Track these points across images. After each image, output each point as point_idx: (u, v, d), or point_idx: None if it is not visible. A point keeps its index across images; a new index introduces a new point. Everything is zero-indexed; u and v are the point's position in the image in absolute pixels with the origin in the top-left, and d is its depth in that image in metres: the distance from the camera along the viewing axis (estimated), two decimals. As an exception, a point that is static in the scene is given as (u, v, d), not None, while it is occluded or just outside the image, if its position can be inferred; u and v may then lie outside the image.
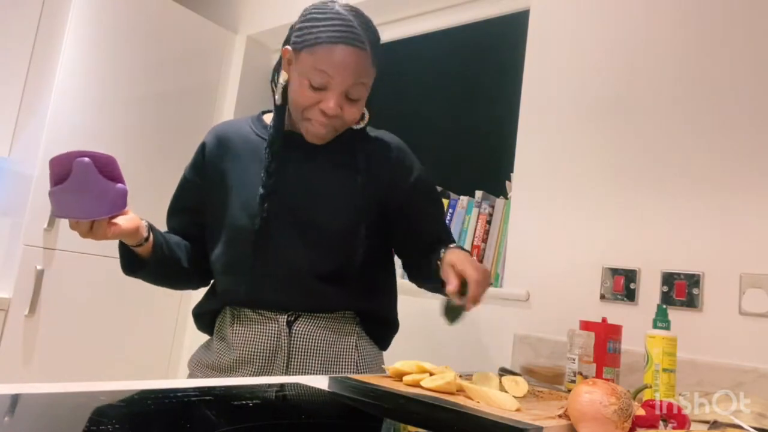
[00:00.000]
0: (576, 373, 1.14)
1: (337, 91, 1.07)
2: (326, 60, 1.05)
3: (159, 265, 1.11)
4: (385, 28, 2.32)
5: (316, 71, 1.05)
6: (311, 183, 1.15)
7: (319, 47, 1.05)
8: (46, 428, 0.57)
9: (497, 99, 1.99)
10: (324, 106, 1.07)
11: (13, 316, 2.02)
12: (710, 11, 1.45)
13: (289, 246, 1.12)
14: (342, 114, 1.09)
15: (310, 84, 1.06)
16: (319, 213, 1.14)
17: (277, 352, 1.12)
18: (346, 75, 1.06)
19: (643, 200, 1.46)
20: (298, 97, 1.08)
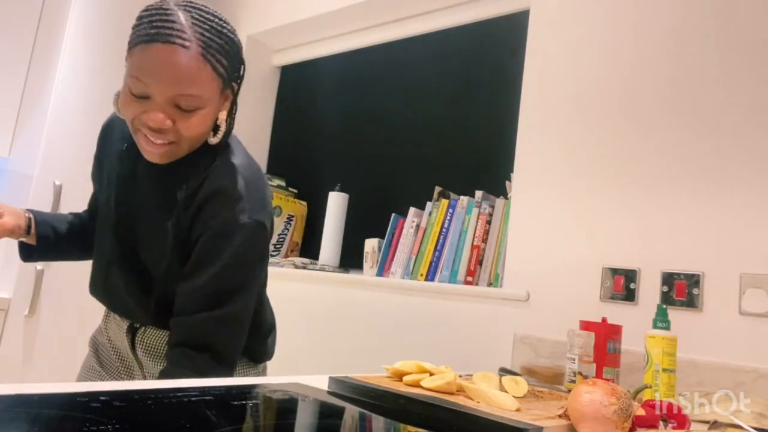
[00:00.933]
0: (576, 373, 1.14)
1: (159, 100, 0.90)
2: (139, 64, 0.90)
3: (46, 250, 1.21)
4: (385, 28, 2.32)
5: (132, 78, 0.91)
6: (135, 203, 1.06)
7: (135, 49, 0.91)
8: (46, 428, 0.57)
9: (497, 99, 1.99)
10: (145, 118, 0.91)
11: (13, 316, 2.02)
12: (710, 11, 1.45)
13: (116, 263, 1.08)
14: (176, 127, 0.93)
15: (131, 92, 0.92)
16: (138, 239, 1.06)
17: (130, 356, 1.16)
18: (165, 81, 0.89)
19: (643, 200, 1.46)
20: (123, 108, 0.94)
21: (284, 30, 2.59)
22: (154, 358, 1.11)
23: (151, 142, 0.94)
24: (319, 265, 2.16)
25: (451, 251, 1.80)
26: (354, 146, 2.42)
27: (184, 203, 1.00)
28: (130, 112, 0.93)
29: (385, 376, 0.98)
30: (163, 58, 0.89)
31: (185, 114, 0.93)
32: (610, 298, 1.46)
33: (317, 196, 2.41)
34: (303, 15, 2.45)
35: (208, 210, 0.98)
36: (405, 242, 1.92)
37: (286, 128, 2.74)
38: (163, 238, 1.01)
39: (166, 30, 0.89)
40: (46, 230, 1.20)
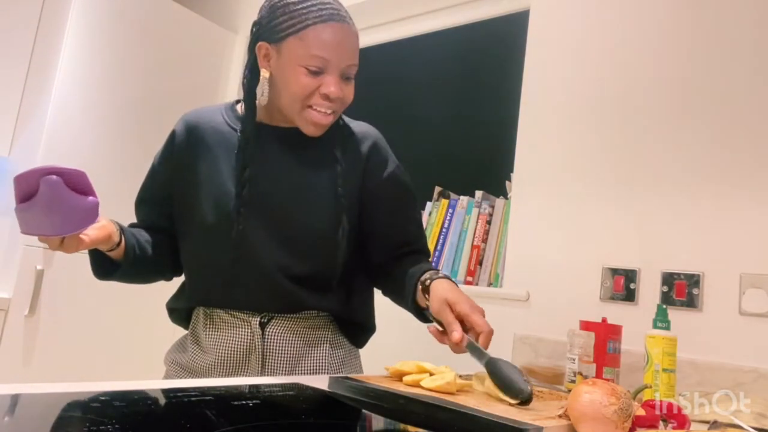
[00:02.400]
0: (576, 373, 1.14)
1: (336, 71, 1.03)
2: (319, 42, 1.00)
3: (131, 266, 1.08)
4: (385, 28, 2.32)
5: (311, 56, 1.01)
6: (287, 179, 1.10)
7: (308, 30, 1.00)
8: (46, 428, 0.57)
9: (497, 99, 1.99)
10: (326, 90, 1.02)
11: (13, 316, 2.02)
12: (710, 11, 1.45)
13: (262, 246, 1.07)
14: (342, 96, 1.05)
15: (307, 71, 1.01)
16: (295, 212, 1.08)
17: (251, 354, 1.08)
18: (342, 53, 1.03)
19: (643, 200, 1.46)
20: (295, 87, 1.02)
21: (284, 30, 2.58)
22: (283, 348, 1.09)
23: (323, 114, 1.05)
24: (319, 265, 2.16)
25: (451, 251, 1.80)
26: (354, 146, 2.42)
27: (342, 158, 1.12)
28: (304, 88, 1.02)
29: (385, 376, 0.98)
30: (341, 34, 1.02)
31: (347, 83, 1.07)
32: (610, 298, 1.46)
33: (317, 196, 2.41)
34: (303, 15, 2.44)
35: (381, 156, 1.18)
36: (405, 242, 1.92)
37: (286, 128, 2.73)
38: (329, 197, 1.10)
39: (335, 10, 1.03)
40: (132, 240, 1.08)
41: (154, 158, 1.18)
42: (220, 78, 2.65)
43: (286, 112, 1.07)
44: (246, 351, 1.08)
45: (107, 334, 2.23)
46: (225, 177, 1.08)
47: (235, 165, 1.08)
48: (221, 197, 1.07)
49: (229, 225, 1.06)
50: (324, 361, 1.12)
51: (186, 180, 1.11)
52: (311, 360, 1.11)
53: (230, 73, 2.69)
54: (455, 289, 1.03)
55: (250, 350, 1.08)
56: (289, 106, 1.05)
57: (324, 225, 1.09)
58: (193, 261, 1.13)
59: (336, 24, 1.02)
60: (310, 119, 1.05)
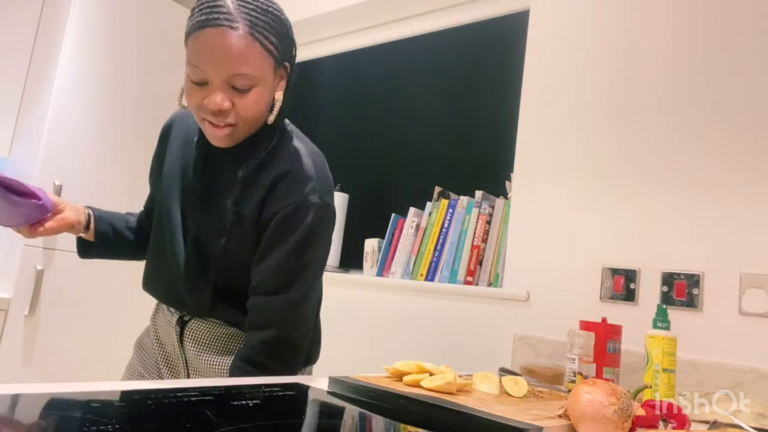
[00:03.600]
0: (576, 373, 1.14)
1: (218, 82, 0.95)
2: (194, 51, 0.95)
3: (104, 248, 1.22)
4: (385, 29, 2.32)
5: (190, 66, 0.96)
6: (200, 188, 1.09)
7: (189, 39, 0.96)
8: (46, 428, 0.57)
9: (497, 99, 1.99)
10: (207, 102, 0.96)
11: (13, 316, 2.02)
12: (710, 11, 1.45)
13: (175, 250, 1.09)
14: (235, 108, 0.97)
15: (191, 80, 0.97)
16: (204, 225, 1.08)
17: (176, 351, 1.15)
18: (218, 63, 0.94)
19: (643, 200, 1.46)
20: (187, 98, 1.00)
21: (284, 30, 2.58)
22: (201, 351, 1.11)
23: (215, 126, 0.99)
24: (319, 265, 2.16)
25: (451, 251, 1.80)
26: (354, 146, 2.42)
27: (243, 181, 1.04)
28: (193, 100, 0.99)
29: (385, 376, 0.98)
30: (214, 42, 0.93)
31: (241, 94, 0.97)
32: (610, 298, 1.46)
33: (317, 196, 2.41)
34: (303, 15, 2.44)
35: (279, 190, 1.03)
36: (405, 242, 1.92)
37: (286, 128, 2.73)
38: (223, 216, 1.05)
39: (214, 15, 0.93)
40: (105, 227, 1.21)
41: None
42: (220, 78, 2.65)
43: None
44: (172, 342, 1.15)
45: (107, 334, 2.23)
46: (176, 178, 1.13)
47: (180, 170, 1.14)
48: (167, 197, 1.13)
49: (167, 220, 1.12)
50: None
51: (157, 174, 1.19)
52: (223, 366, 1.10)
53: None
54: None
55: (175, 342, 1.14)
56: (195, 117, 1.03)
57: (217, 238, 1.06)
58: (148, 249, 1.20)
59: (212, 30, 0.93)
60: (207, 131, 1.01)
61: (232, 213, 1.04)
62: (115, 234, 1.23)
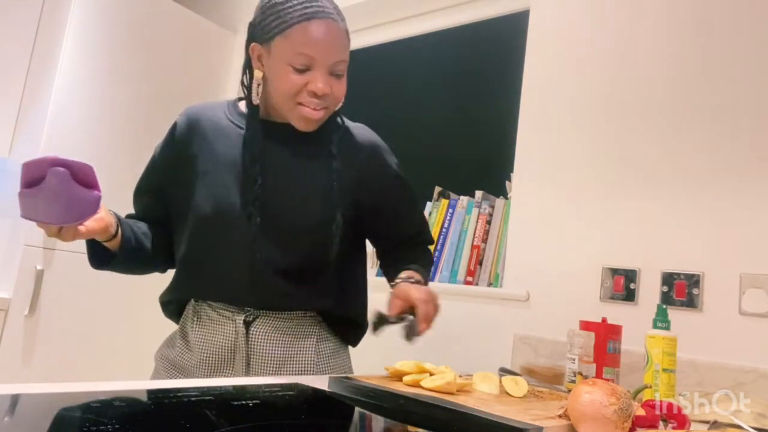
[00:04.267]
0: (576, 373, 1.14)
1: (323, 68, 1.04)
2: (303, 40, 1.01)
3: (127, 257, 1.09)
4: (385, 28, 2.32)
5: (296, 54, 1.02)
6: (282, 174, 1.10)
7: (293, 29, 1.02)
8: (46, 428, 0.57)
9: (497, 99, 1.99)
10: (313, 87, 1.03)
11: (13, 316, 2.02)
12: (710, 10, 1.45)
13: (252, 241, 1.07)
14: (332, 92, 1.06)
15: (293, 69, 1.03)
16: (288, 207, 1.09)
17: (236, 353, 1.09)
18: (327, 50, 1.03)
19: (643, 200, 1.46)
20: (284, 85, 1.04)
21: (284, 30, 2.58)
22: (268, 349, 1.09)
23: (314, 110, 1.06)
24: (319, 265, 2.16)
25: (451, 251, 1.80)
26: (354, 146, 2.42)
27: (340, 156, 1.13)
28: (292, 86, 1.04)
29: (385, 376, 0.98)
30: (325, 31, 1.03)
31: (337, 79, 1.07)
32: (610, 298, 1.46)
33: (317, 196, 2.41)
34: (303, 15, 2.44)
35: (374, 160, 1.18)
36: (405, 242, 1.92)
37: (286, 128, 2.73)
38: (323, 191, 1.11)
39: (320, 8, 1.03)
40: (129, 233, 1.09)
41: (155, 150, 1.19)
42: (220, 78, 2.66)
43: (279, 109, 1.10)
44: (231, 350, 1.09)
45: (107, 334, 2.23)
46: (223, 171, 1.10)
47: (239, 160, 1.10)
48: (219, 191, 1.08)
49: (223, 218, 1.07)
50: (310, 362, 1.12)
51: (184, 172, 1.12)
52: (297, 361, 1.11)
53: (230, 73, 2.69)
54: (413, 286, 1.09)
55: (234, 349, 1.09)
56: (282, 103, 1.07)
57: (316, 220, 1.09)
58: (185, 252, 1.13)
59: (320, 21, 1.02)
60: (301, 115, 1.06)
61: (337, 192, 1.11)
62: (136, 242, 1.11)
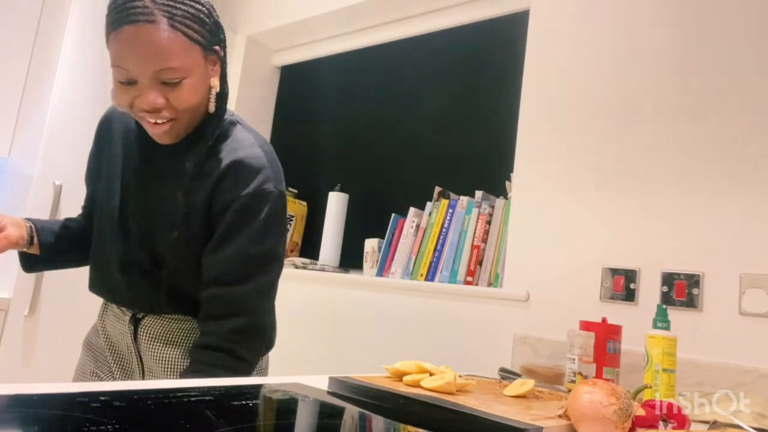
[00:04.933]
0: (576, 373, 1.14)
1: (145, 81, 0.92)
2: (116, 51, 0.92)
3: (50, 258, 1.18)
4: (385, 29, 2.32)
5: (114, 67, 0.93)
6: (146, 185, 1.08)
7: (109, 39, 0.92)
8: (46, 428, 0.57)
9: (497, 99, 1.99)
10: (139, 103, 0.94)
11: (13, 316, 2.02)
12: (710, 10, 1.45)
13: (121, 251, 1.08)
14: (170, 103, 0.95)
15: (118, 81, 0.95)
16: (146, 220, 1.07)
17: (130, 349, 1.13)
18: (142, 60, 0.91)
19: (643, 200, 1.46)
20: (117, 101, 0.97)
21: (284, 30, 2.59)
22: (157, 346, 1.10)
23: (153, 123, 0.97)
24: (319, 265, 2.16)
25: (451, 251, 1.80)
26: (354, 146, 2.42)
27: (192, 171, 1.02)
28: (124, 101, 0.96)
29: (385, 376, 0.98)
30: (134, 39, 0.90)
31: (173, 87, 0.94)
32: (610, 298, 1.46)
33: (317, 196, 2.41)
34: (303, 15, 2.44)
35: (231, 180, 1.01)
36: (405, 242, 1.92)
37: (286, 128, 2.74)
38: (173, 209, 1.03)
39: (129, 11, 0.90)
40: (48, 238, 1.16)
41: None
42: (220, 78, 2.65)
43: None
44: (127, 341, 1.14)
45: (107, 334, 2.23)
46: (112, 171, 1.11)
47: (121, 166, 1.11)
48: (108, 191, 1.11)
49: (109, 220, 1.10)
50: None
51: (96, 172, 1.16)
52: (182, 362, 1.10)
53: (229, 73, 2.68)
54: None
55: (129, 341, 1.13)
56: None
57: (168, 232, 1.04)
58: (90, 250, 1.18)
59: (129, 28, 0.90)
60: (148, 129, 1.00)
61: (182, 205, 1.02)
62: (59, 244, 1.18)
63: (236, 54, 2.70)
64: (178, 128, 1.00)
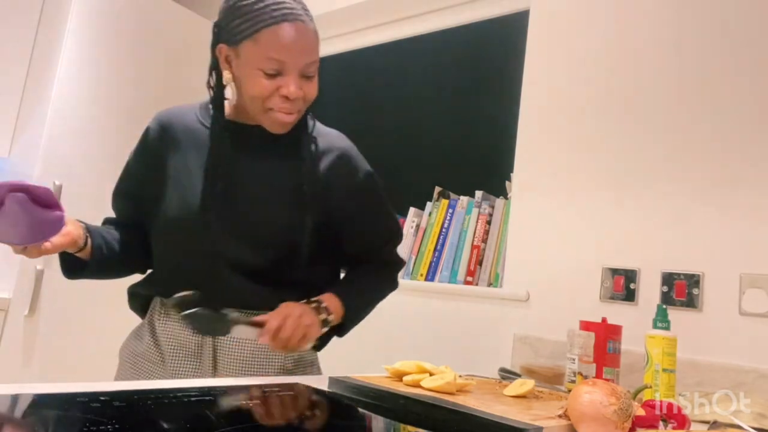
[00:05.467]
0: (576, 373, 1.14)
1: (294, 72, 1.03)
2: (273, 44, 1.00)
3: (98, 264, 1.13)
4: (385, 29, 2.32)
5: (267, 59, 1.01)
6: (251, 176, 1.11)
7: (262, 33, 1.00)
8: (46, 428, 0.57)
9: (497, 99, 1.99)
10: (285, 92, 1.03)
11: (13, 316, 2.02)
12: (710, 10, 1.45)
13: (222, 242, 1.08)
14: (303, 95, 1.06)
15: (264, 73, 1.02)
16: (259, 209, 1.10)
17: (203, 349, 1.10)
18: (298, 53, 1.02)
19: (643, 200, 1.46)
20: (254, 90, 1.04)
21: (284, 30, 2.58)
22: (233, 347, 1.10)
23: (286, 114, 1.06)
24: (319, 265, 2.16)
25: (451, 251, 1.80)
26: (354, 146, 2.42)
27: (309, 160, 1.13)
28: (263, 91, 1.03)
29: (385, 376, 0.98)
30: (294, 33, 1.01)
31: (308, 80, 1.06)
32: (610, 298, 1.46)
33: (317, 196, 2.41)
34: (303, 15, 2.44)
35: (341, 168, 1.17)
36: (405, 242, 1.92)
37: (286, 128, 2.73)
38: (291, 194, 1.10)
39: (287, 11, 1.01)
40: (99, 241, 1.12)
41: (130, 155, 1.22)
42: (220, 78, 2.65)
43: (250, 111, 1.09)
44: (198, 345, 1.10)
45: (107, 334, 2.22)
46: (193, 173, 1.11)
47: (205, 162, 1.11)
48: (188, 193, 1.10)
49: (192, 220, 1.08)
50: (276, 363, 1.11)
51: (156, 177, 1.14)
52: (263, 361, 1.11)
53: (230, 73, 2.69)
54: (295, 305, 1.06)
55: (201, 345, 1.10)
56: (252, 107, 1.07)
57: (283, 223, 1.09)
58: (156, 253, 1.16)
59: (289, 24, 1.01)
60: (273, 119, 1.06)
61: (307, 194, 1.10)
62: (108, 249, 1.14)
63: (236, 54, 2.69)
64: (298, 118, 1.10)
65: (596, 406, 0.70)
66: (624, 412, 0.70)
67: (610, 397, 0.70)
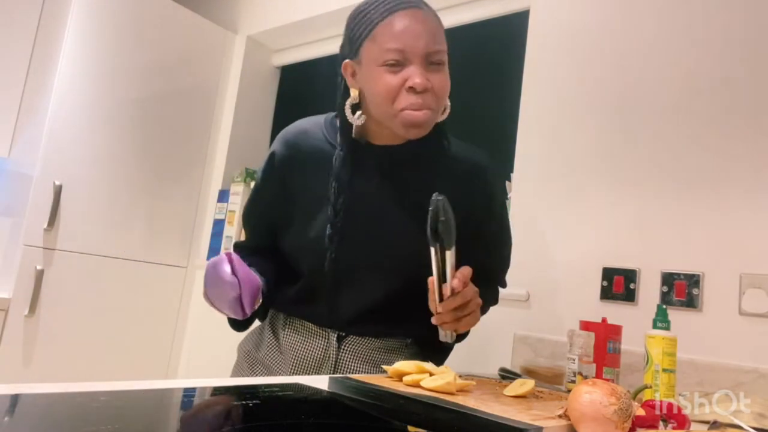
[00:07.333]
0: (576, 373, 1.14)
1: (417, 60, 0.97)
2: (389, 35, 0.97)
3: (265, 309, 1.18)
4: (385, 28, 2.32)
5: (385, 51, 0.97)
6: (380, 201, 1.07)
7: (377, 28, 0.98)
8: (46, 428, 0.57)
9: (497, 99, 1.99)
10: (411, 83, 0.97)
11: (13, 316, 2.02)
12: (710, 10, 1.45)
13: (350, 266, 1.07)
14: (432, 86, 0.99)
15: (386, 68, 0.97)
16: (386, 235, 1.07)
17: (325, 363, 1.11)
18: (416, 39, 0.97)
19: (643, 200, 1.46)
20: (380, 88, 0.98)
21: (284, 30, 2.59)
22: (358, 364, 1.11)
23: (416, 111, 0.99)
24: (319, 265, 2.16)
25: (451, 251, 1.80)
26: (354, 146, 2.42)
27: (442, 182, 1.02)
28: (388, 87, 0.98)
29: (385, 376, 0.98)
30: (410, 21, 0.97)
31: (436, 70, 1.00)
32: (610, 298, 1.46)
33: (317, 196, 2.41)
34: (302, 15, 2.44)
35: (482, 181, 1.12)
36: (405, 242, 1.92)
37: (286, 128, 2.74)
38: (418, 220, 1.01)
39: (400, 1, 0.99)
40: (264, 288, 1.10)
41: (257, 175, 1.20)
42: (220, 78, 2.66)
43: (382, 121, 1.04)
44: (321, 358, 1.11)
45: (107, 334, 2.23)
46: (319, 195, 1.08)
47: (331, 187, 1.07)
48: (314, 215, 1.08)
49: (318, 248, 1.06)
50: None
51: (286, 198, 1.12)
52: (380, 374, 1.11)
53: (230, 73, 2.69)
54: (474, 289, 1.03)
55: (324, 358, 1.11)
56: (383, 114, 1.02)
57: (408, 251, 1.04)
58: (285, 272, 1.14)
59: (404, 12, 0.98)
60: (404, 120, 1.00)
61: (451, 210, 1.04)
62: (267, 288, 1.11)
63: (236, 54, 2.70)
64: (432, 120, 1.02)
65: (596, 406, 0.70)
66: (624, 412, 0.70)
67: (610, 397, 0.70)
